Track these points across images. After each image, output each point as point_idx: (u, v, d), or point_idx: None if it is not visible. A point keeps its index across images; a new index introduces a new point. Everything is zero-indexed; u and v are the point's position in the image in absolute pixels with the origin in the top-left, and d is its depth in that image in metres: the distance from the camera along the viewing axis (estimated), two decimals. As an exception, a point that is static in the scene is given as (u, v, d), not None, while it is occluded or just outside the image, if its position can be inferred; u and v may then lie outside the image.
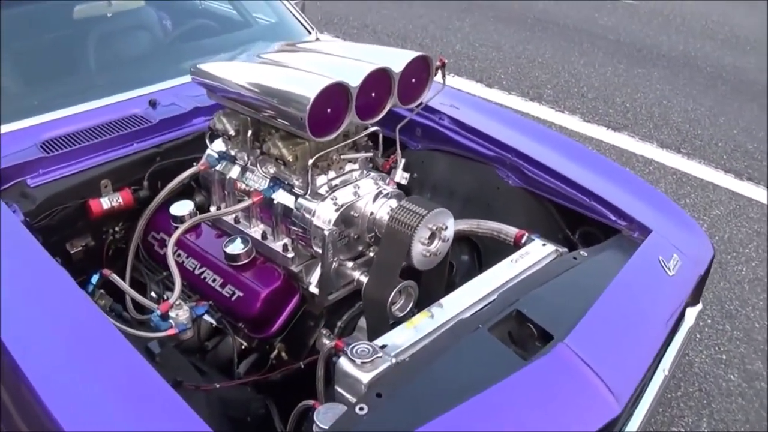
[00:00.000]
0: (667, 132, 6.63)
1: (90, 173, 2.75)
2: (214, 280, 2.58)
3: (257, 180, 2.62)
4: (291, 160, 2.44)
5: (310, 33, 3.98)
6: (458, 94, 3.58)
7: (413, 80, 2.50)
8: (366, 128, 2.60)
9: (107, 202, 2.74)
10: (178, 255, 2.70)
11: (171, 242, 2.51)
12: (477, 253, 3.05)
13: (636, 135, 6.53)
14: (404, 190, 3.24)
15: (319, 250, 2.41)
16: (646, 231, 2.71)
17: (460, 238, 2.89)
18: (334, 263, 2.46)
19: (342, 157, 2.52)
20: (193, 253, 2.70)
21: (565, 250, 2.59)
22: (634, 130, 6.61)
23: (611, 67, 8.11)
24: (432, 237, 2.37)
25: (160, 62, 3.60)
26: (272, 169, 2.59)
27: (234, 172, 2.70)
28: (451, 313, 2.23)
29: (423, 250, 2.35)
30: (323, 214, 2.42)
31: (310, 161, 2.41)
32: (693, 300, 2.78)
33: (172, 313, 2.27)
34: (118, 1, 3.66)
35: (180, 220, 2.66)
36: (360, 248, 2.57)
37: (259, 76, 2.44)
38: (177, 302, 2.31)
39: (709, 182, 5.80)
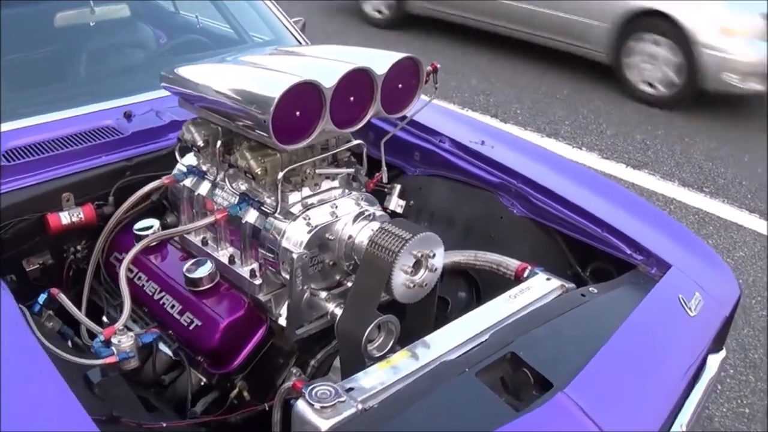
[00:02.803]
0: (689, 170, 6.34)
1: (51, 185, 2.55)
2: (172, 307, 2.34)
3: (227, 197, 2.37)
4: (259, 173, 2.18)
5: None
6: (459, 116, 3.32)
7: (399, 86, 2.23)
8: (348, 141, 2.33)
9: (67, 217, 2.53)
10: (139, 278, 2.48)
11: (125, 262, 2.26)
12: (476, 289, 2.76)
13: (656, 173, 6.24)
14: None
15: (288, 277, 2.13)
16: (664, 266, 2.42)
17: (457, 271, 2.64)
18: (305, 292, 2.18)
19: (318, 172, 2.23)
20: (154, 276, 2.46)
21: (572, 285, 2.31)
22: (655, 168, 6.32)
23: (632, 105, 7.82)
24: (417, 266, 2.08)
25: (143, 74, 3.39)
26: (243, 185, 2.32)
27: (203, 188, 2.45)
28: (435, 353, 1.95)
29: (406, 280, 2.05)
30: (294, 236, 2.15)
31: (280, 174, 2.15)
32: (716, 346, 2.46)
33: (114, 340, 2.04)
34: (102, 8, 3.46)
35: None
36: (337, 277, 2.29)
37: (225, 77, 2.20)
38: (121, 328, 2.06)
39: (733, 222, 5.50)
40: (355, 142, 2.33)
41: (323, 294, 2.22)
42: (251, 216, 2.26)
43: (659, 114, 7.55)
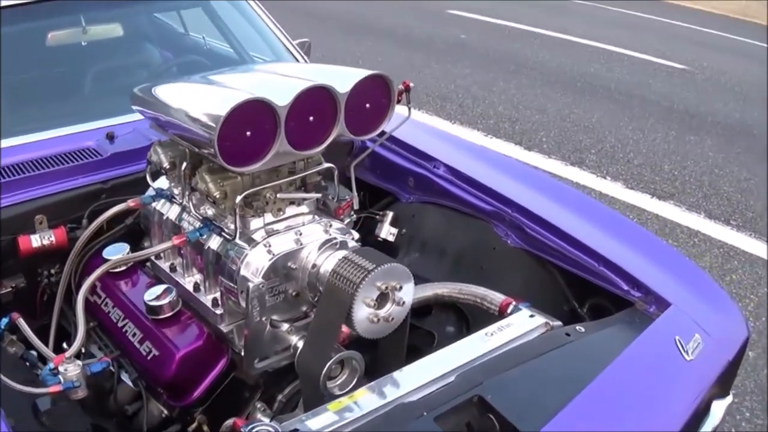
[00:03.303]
0: (716, 202, 6.12)
1: (24, 207, 2.46)
2: (134, 335, 2.23)
3: (193, 221, 2.25)
4: (218, 197, 2.05)
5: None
6: (456, 140, 3.17)
7: (367, 105, 2.08)
8: (319, 164, 2.18)
9: (38, 239, 2.44)
10: (105, 303, 2.36)
11: (83, 288, 2.12)
12: (466, 323, 2.60)
13: (683, 204, 6.02)
14: (391, 248, 2.86)
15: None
16: (664, 304, 2.25)
17: (446, 304, 2.51)
18: (264, 324, 2.05)
19: (280, 196, 2.08)
20: (119, 303, 2.34)
21: (559, 323, 2.14)
22: (681, 199, 6.11)
23: (661, 134, 7.63)
24: (383, 299, 1.93)
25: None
26: (210, 210, 2.19)
27: (173, 211, 2.34)
28: (395, 393, 1.81)
29: (369, 314, 1.91)
30: (253, 264, 2.02)
31: (238, 199, 2.01)
32: (721, 391, 2.27)
33: (61, 368, 1.93)
34: (94, 28, 3.37)
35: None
36: (303, 308, 2.14)
37: (181, 95, 2.07)
38: (69, 357, 1.95)
39: (759, 257, 5.28)
40: (325, 165, 2.18)
41: (285, 326, 2.09)
42: (214, 242, 2.14)
43: (690, 142, 7.34)
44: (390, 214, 2.94)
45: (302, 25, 10.71)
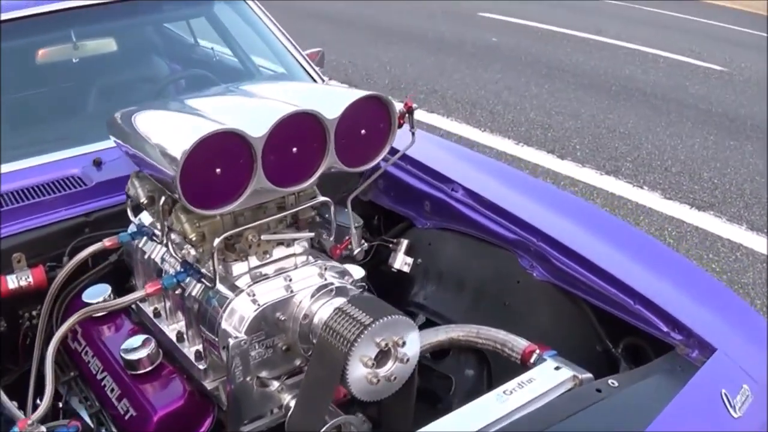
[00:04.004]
0: (759, 212, 5.78)
1: (1, 245, 2.25)
2: (112, 390, 2.01)
3: (174, 264, 2.02)
4: (194, 239, 1.82)
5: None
6: (476, 158, 2.91)
7: (362, 132, 1.82)
8: (314, 197, 1.93)
9: (14, 280, 2.24)
10: (86, 352, 2.15)
11: (54, 340, 1.91)
12: (487, 366, 2.35)
13: (723, 215, 5.70)
14: (406, 280, 2.63)
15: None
16: (708, 349, 1.98)
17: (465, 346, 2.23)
18: (249, 383, 1.82)
19: (264, 238, 1.83)
20: (99, 353, 2.12)
21: (589, 376, 1.87)
22: (722, 210, 5.78)
23: (699, 139, 7.29)
24: (383, 356, 1.68)
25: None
26: (192, 252, 1.94)
27: (156, 251, 2.13)
28: None
29: (368, 374, 1.66)
30: (235, 315, 1.79)
31: (216, 241, 1.77)
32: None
33: None
34: (86, 43, 3.14)
35: (96, 308, 2.06)
36: (297, 362, 1.90)
37: (149, 123, 1.83)
38: (31, 423, 1.73)
39: (808, 272, 4.93)
40: (321, 199, 1.93)
41: (275, 384, 1.86)
42: (195, 288, 1.92)
43: (730, 148, 7.02)
44: (405, 243, 2.72)
45: (326, 30, 10.53)
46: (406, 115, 1.98)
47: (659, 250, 2.56)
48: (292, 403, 1.82)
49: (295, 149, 1.71)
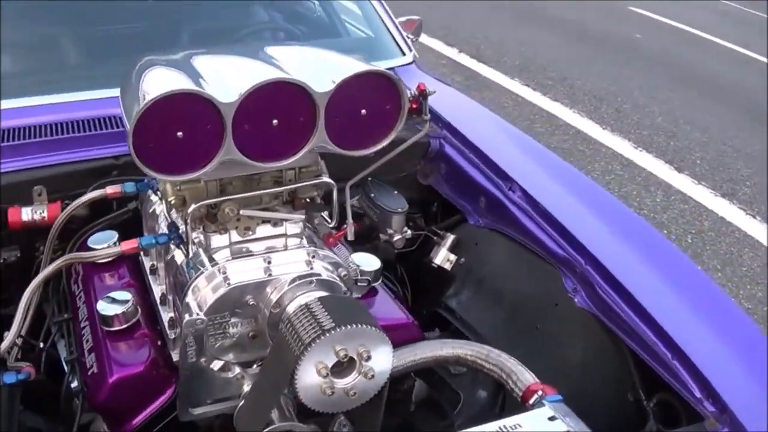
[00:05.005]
0: None
1: (23, 175, 2.21)
2: (87, 341, 1.88)
3: (164, 223, 1.90)
4: (174, 202, 1.64)
5: (404, 54, 3.15)
6: (544, 155, 2.65)
7: (363, 111, 1.58)
8: (317, 175, 1.71)
9: (29, 213, 2.16)
10: (79, 297, 2.03)
11: (36, 280, 1.84)
12: (504, 392, 2.13)
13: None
14: (445, 278, 2.44)
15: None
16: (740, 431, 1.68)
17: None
18: (203, 366, 1.66)
19: (243, 213, 1.63)
20: (88, 300, 1.99)
21: (586, 432, 1.61)
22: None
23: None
24: (346, 367, 1.47)
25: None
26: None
27: (159, 206, 2.00)
28: None
29: (322, 383, 1.45)
30: (201, 291, 1.61)
31: (191, 208, 1.59)
32: None
33: None
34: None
35: (99, 252, 1.98)
36: (264, 352, 1.70)
37: (136, 77, 1.64)
38: None
39: None
40: (324, 179, 1.71)
41: (237, 370, 1.68)
42: (178, 254, 1.76)
43: None
44: (450, 238, 2.52)
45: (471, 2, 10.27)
46: (420, 98, 1.73)
47: (722, 304, 2.22)
48: None
49: (275, 121, 1.49)
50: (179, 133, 1.43)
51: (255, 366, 1.70)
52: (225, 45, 2.96)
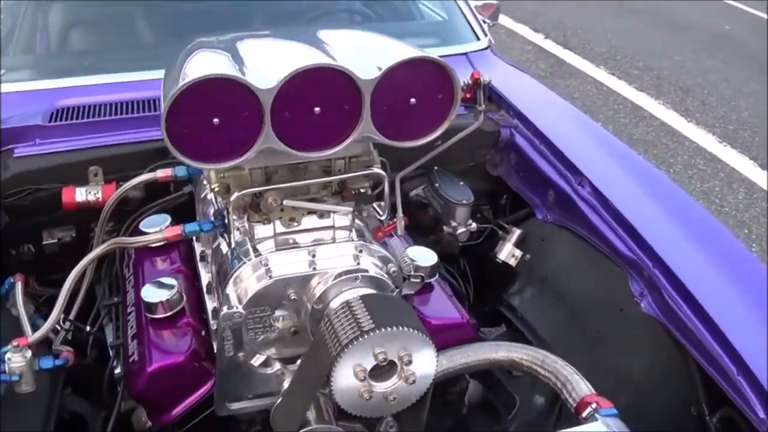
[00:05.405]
0: None
1: (80, 155, 2.21)
2: (131, 327, 1.86)
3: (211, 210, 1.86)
4: (218, 189, 1.59)
5: (479, 39, 3.05)
6: (617, 147, 2.54)
7: (412, 100, 1.50)
8: (368, 165, 1.64)
9: (83, 193, 2.13)
10: (129, 281, 2.02)
11: (81, 263, 1.81)
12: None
13: None
14: (508, 274, 2.37)
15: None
16: None
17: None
18: (240, 360, 1.62)
19: (286, 203, 1.56)
20: (136, 285, 1.96)
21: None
22: None
23: None
24: (384, 371, 1.41)
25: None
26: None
27: (209, 192, 1.92)
28: None
29: (360, 387, 1.39)
30: (241, 283, 1.57)
31: (233, 197, 1.53)
32: None
33: (7, 355, 1.65)
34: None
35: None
36: (303, 348, 1.65)
37: (180, 62, 1.58)
38: (16, 344, 1.65)
39: None
40: (375, 170, 1.64)
41: (277, 366, 1.64)
42: (223, 243, 1.72)
43: None
44: (516, 233, 2.44)
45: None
46: (474, 89, 1.64)
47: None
48: None
49: (317, 109, 1.43)
50: (215, 120, 1.38)
51: (296, 363, 1.65)
52: (296, 27, 2.91)
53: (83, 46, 2.93)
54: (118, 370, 1.84)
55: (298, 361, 1.63)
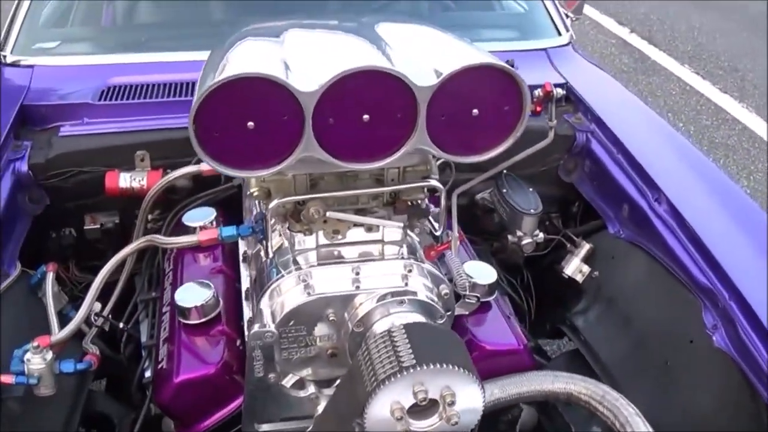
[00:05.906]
0: None
1: (128, 137, 2.13)
2: (164, 329, 1.77)
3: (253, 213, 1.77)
4: (257, 194, 1.48)
5: (560, 35, 2.89)
6: (700, 160, 2.35)
7: (474, 111, 1.35)
8: (426, 177, 1.52)
9: (127, 179, 2.08)
10: (167, 278, 1.93)
11: (114, 259, 1.73)
12: (621, 432, 1.87)
13: None
14: (574, 291, 2.23)
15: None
16: None
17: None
18: (271, 381, 1.50)
19: (330, 215, 1.43)
20: (174, 284, 1.87)
21: None
22: None
23: None
24: (423, 409, 1.28)
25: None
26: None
27: None
28: None
29: (396, 425, 1.27)
30: (278, 298, 1.45)
31: (272, 204, 1.40)
32: None
33: (27, 356, 1.58)
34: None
35: (192, 231, 1.87)
36: (339, 371, 1.54)
37: (224, 50, 1.45)
38: (37, 345, 1.58)
39: None
40: (432, 182, 1.50)
41: (312, 389, 1.53)
42: (263, 250, 1.61)
43: None
44: (586, 247, 2.29)
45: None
46: (546, 100, 1.49)
47: None
48: None
49: (366, 116, 1.29)
50: (250, 123, 1.26)
51: (332, 386, 1.53)
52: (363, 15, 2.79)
53: (149, 21, 2.84)
54: (148, 374, 1.76)
55: (335, 385, 1.51)
